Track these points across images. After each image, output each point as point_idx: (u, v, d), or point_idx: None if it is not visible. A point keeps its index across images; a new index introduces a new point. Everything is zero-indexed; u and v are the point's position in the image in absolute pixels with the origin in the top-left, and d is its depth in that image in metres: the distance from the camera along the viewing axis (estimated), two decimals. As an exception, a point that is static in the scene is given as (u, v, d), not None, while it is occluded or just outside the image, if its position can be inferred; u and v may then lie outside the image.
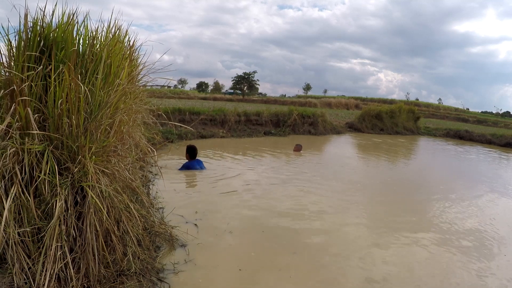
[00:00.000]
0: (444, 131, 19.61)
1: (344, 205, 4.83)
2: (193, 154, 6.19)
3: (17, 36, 2.47)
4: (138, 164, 4.13)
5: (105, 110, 2.58)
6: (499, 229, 4.41)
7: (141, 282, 2.41)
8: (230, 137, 11.00)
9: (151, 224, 3.14)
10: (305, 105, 29.39)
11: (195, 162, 6.14)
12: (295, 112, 13.50)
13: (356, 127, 16.58)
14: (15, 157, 2.19)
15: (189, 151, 6.20)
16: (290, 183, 5.74)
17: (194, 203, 4.30)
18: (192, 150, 6.19)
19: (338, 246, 3.51)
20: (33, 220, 2.16)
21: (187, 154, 6.21)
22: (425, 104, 49.12)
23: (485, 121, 38.58)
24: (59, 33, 2.59)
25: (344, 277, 2.90)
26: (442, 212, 4.94)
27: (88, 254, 2.25)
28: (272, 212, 4.27)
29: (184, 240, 3.19)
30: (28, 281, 2.03)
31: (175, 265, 2.76)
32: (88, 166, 2.35)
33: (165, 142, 7.89)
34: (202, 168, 6.13)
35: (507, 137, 17.22)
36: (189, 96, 36.65)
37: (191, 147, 6.24)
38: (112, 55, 2.81)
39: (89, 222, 2.27)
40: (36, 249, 2.13)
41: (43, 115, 2.42)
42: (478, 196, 6.20)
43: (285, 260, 3.11)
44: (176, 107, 11.16)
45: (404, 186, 6.69)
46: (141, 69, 3.92)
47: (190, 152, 6.19)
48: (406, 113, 18.84)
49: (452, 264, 3.32)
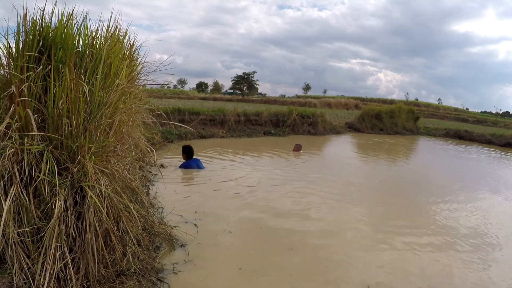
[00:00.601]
0: (444, 131, 19.63)
1: (344, 206, 4.82)
2: (190, 154, 6.24)
3: (16, 36, 2.47)
4: (138, 164, 4.13)
5: (104, 110, 2.59)
6: (499, 230, 4.42)
7: (140, 282, 2.41)
8: (229, 137, 11.00)
9: (151, 224, 3.14)
10: (305, 105, 29.39)
11: (192, 161, 6.18)
12: (295, 112, 13.50)
13: (356, 127, 16.58)
14: (14, 157, 2.19)
15: (185, 151, 6.25)
16: (289, 183, 5.74)
17: (193, 203, 4.30)
18: (188, 150, 6.25)
19: (338, 247, 3.50)
20: (32, 220, 2.16)
21: (184, 155, 6.26)
22: (425, 104, 49.14)
23: (484, 121, 38.60)
24: (58, 33, 2.59)
25: (345, 279, 2.90)
26: (442, 213, 4.94)
27: (88, 254, 2.25)
28: (272, 212, 4.27)
29: (184, 240, 3.19)
30: (27, 281, 2.03)
31: (175, 265, 2.76)
32: (87, 166, 2.35)
33: (165, 142, 7.90)
34: (200, 167, 6.15)
35: (506, 137, 17.25)
36: (189, 96, 36.66)
37: (187, 147, 6.30)
38: (111, 55, 2.82)
39: (88, 222, 2.27)
40: (35, 249, 2.13)
41: (43, 116, 2.42)
42: (478, 196, 6.22)
43: (285, 260, 3.11)
44: (176, 107, 11.17)
45: (404, 187, 6.70)
46: (140, 69, 3.93)
47: (187, 152, 6.24)
48: (406, 113, 18.86)
49: (453, 267, 3.31)
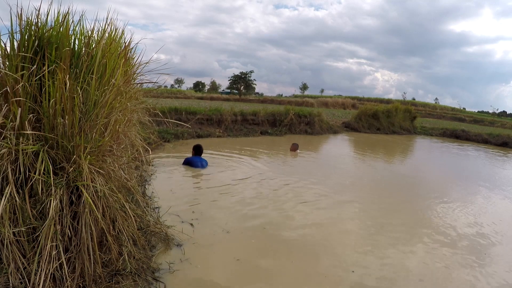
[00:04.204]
0: (441, 131, 19.73)
1: (342, 206, 4.85)
2: (198, 153, 6.51)
3: (11, 35, 2.46)
4: (134, 164, 4.13)
5: (100, 109, 2.59)
6: (495, 228, 4.46)
7: (136, 281, 2.42)
8: (226, 136, 11.00)
9: (147, 223, 3.14)
10: (302, 105, 29.41)
11: (196, 158, 6.34)
12: (292, 112, 13.51)
13: (353, 127, 16.62)
14: (9, 157, 2.19)
15: (195, 148, 6.55)
16: (287, 183, 5.75)
17: (190, 203, 4.30)
18: (197, 148, 6.54)
19: (337, 247, 3.51)
20: (28, 220, 2.16)
21: (193, 151, 6.55)
22: (422, 103, 49.38)
23: (481, 120, 38.81)
24: (54, 33, 2.59)
25: (340, 283, 2.91)
26: (440, 213, 4.98)
27: (84, 254, 2.25)
28: (269, 212, 4.28)
29: (180, 240, 3.19)
30: (23, 281, 2.03)
31: (171, 265, 2.76)
32: (83, 166, 2.35)
33: (161, 141, 7.89)
34: (203, 165, 6.23)
35: (503, 136, 17.36)
36: (186, 95, 36.64)
37: (197, 146, 6.60)
38: (107, 54, 2.81)
39: (84, 222, 2.27)
40: (31, 249, 2.13)
41: (38, 115, 2.42)
42: (476, 196, 6.26)
43: (283, 260, 3.12)
44: (173, 107, 11.15)
45: (401, 187, 6.73)
46: (136, 69, 3.92)
47: (196, 149, 6.53)
48: (403, 113, 18.93)
49: (450, 267, 3.33)
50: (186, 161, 6.28)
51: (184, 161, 6.30)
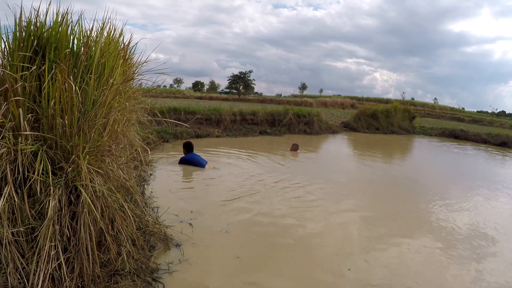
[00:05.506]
0: (440, 131, 19.76)
1: (342, 206, 4.85)
2: (190, 150, 6.43)
3: (9, 35, 2.46)
4: (133, 164, 4.13)
5: (99, 109, 2.58)
6: (494, 228, 4.47)
7: (135, 281, 2.41)
8: (225, 136, 10.99)
9: (146, 223, 3.14)
10: (301, 105, 29.43)
11: (194, 154, 6.32)
12: (291, 112, 13.52)
13: (352, 127, 16.64)
14: (8, 157, 2.18)
15: (185, 146, 6.46)
16: (286, 183, 5.75)
17: (189, 203, 4.30)
18: (188, 145, 6.45)
19: (336, 248, 3.51)
20: (27, 220, 2.15)
21: (184, 150, 6.46)
22: (421, 103, 49.45)
23: (480, 120, 38.88)
24: (53, 32, 2.58)
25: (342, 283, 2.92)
26: (439, 213, 4.98)
27: (82, 254, 2.25)
28: (269, 211, 4.28)
29: (179, 240, 3.19)
30: (22, 281, 2.02)
31: (170, 265, 2.76)
32: (82, 166, 2.35)
33: (160, 141, 7.89)
34: (200, 161, 6.20)
35: (502, 136, 17.41)
36: (185, 95, 36.66)
37: (187, 143, 6.51)
38: (106, 54, 2.81)
39: (83, 222, 2.27)
40: (30, 249, 2.13)
41: (37, 115, 2.41)
42: (476, 195, 6.27)
43: (282, 260, 3.12)
44: (172, 107, 11.15)
45: (401, 186, 6.74)
46: (135, 68, 3.92)
47: (186, 147, 6.44)
48: (402, 113, 18.96)
49: (449, 266, 3.33)
50: (184, 159, 6.22)
51: (181, 160, 6.24)
